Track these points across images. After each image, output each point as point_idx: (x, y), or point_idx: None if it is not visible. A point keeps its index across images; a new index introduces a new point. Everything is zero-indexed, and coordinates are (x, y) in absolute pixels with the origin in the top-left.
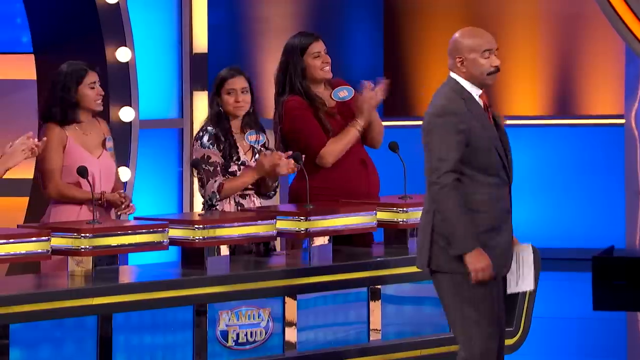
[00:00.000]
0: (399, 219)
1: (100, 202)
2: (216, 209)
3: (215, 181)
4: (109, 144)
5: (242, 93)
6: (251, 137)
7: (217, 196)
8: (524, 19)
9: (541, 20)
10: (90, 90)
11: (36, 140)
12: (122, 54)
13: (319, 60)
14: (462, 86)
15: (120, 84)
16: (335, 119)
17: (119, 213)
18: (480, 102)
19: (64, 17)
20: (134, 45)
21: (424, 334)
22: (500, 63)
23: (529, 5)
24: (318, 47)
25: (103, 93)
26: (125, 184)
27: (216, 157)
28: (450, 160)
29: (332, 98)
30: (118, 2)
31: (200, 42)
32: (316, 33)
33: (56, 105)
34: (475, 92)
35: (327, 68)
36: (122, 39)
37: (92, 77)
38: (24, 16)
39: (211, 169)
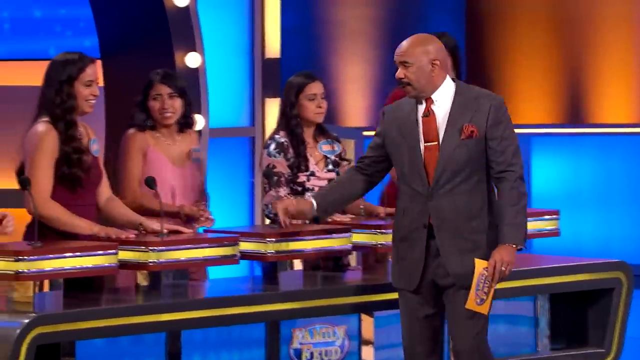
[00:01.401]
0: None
1: (179, 215)
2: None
3: (277, 192)
4: (195, 154)
5: (322, 99)
6: (325, 147)
7: (270, 209)
8: (615, 21)
9: (634, 22)
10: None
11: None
12: (192, 60)
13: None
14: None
15: (189, 90)
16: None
17: (198, 226)
18: (418, 109)
19: (132, 22)
20: (204, 50)
21: (499, 355)
22: (398, 76)
23: (621, 7)
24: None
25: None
26: None
27: (281, 167)
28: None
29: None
30: (188, 6)
31: (273, 46)
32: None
33: (139, 110)
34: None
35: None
36: (192, 44)
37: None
38: (86, 21)
39: (275, 179)
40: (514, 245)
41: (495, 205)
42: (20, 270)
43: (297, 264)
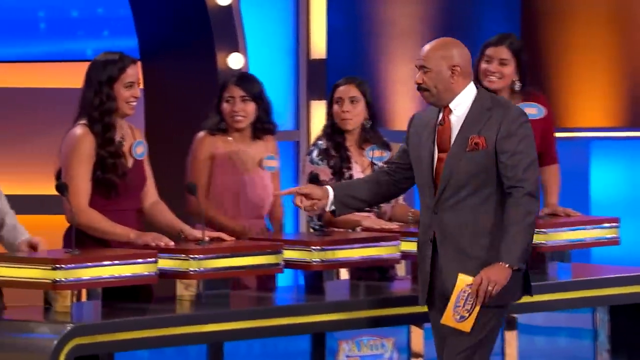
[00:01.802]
0: (538, 241)
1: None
2: (328, 229)
3: None
4: (269, 162)
5: (350, 103)
6: (373, 152)
7: (315, 220)
8: None
9: None
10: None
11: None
12: (235, 61)
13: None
14: None
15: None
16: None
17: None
18: (438, 117)
19: (172, 21)
20: (247, 50)
21: None
22: (417, 81)
23: None
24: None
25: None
26: None
27: (324, 175)
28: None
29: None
30: (230, 4)
31: (319, 46)
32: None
33: (214, 112)
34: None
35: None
36: (235, 44)
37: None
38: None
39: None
40: (506, 265)
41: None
42: (58, 279)
43: (343, 273)
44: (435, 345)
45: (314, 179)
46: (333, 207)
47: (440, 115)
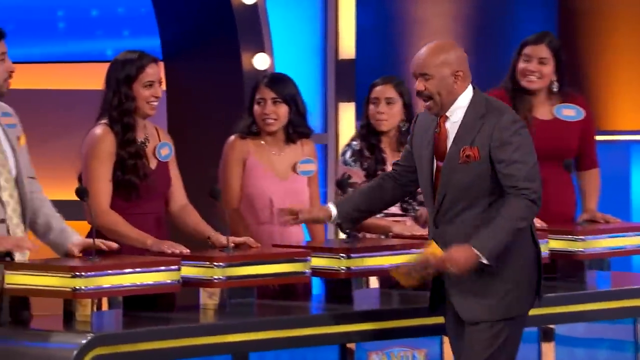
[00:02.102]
0: (576, 249)
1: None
2: (360, 235)
3: None
4: (304, 166)
5: (386, 104)
6: None
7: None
8: None
9: None
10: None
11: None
12: (260, 61)
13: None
14: None
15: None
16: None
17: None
18: (436, 121)
19: (196, 21)
20: (273, 51)
21: None
22: (418, 88)
23: None
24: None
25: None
26: None
27: (357, 178)
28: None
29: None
30: (256, 3)
31: (347, 46)
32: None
33: (246, 115)
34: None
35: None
36: (260, 44)
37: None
38: (147, 20)
39: (350, 190)
40: (476, 252)
41: None
42: (78, 288)
43: (373, 282)
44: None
45: (344, 183)
46: (338, 222)
47: (434, 124)
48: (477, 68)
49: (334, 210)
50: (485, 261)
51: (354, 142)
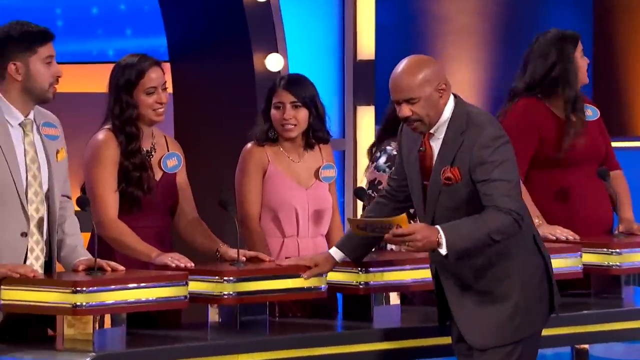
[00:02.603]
0: (611, 263)
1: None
2: (384, 247)
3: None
4: (325, 172)
5: None
6: None
7: None
8: None
9: None
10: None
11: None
12: (273, 62)
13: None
14: None
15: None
16: None
17: None
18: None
19: (205, 19)
20: (287, 51)
21: None
22: (404, 114)
23: None
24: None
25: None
26: None
27: None
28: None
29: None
30: (269, 0)
31: (366, 46)
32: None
33: (263, 120)
34: None
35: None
36: (273, 44)
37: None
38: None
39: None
40: (440, 236)
41: None
42: (79, 304)
43: (394, 298)
44: None
45: (361, 192)
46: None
47: (420, 140)
48: (505, 69)
49: (337, 254)
50: (443, 251)
51: (389, 147)
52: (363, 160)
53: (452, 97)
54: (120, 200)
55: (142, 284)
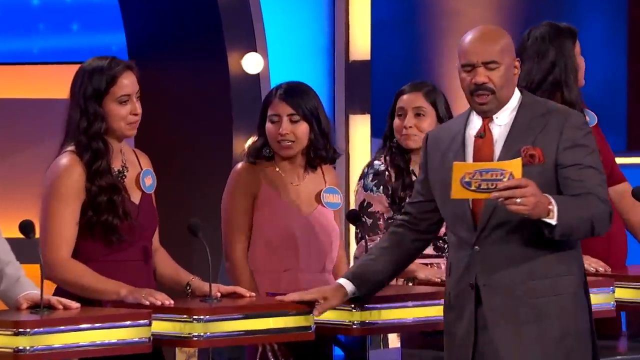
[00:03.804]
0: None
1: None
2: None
3: (367, 242)
4: (329, 197)
5: (415, 116)
6: None
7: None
8: None
9: None
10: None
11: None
12: (251, 63)
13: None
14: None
15: (247, 104)
16: None
17: None
18: (468, 128)
19: (172, 13)
20: (268, 50)
21: None
22: (480, 80)
23: None
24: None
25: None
26: None
27: (379, 206)
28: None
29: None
30: None
31: (361, 45)
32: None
33: (257, 134)
34: (475, 114)
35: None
36: (252, 42)
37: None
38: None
39: (369, 221)
40: (550, 202)
41: None
42: (21, 348)
43: (393, 340)
44: None
45: (352, 216)
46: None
47: (475, 125)
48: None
49: (348, 285)
50: (553, 221)
51: (377, 162)
52: (357, 177)
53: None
54: (94, 232)
55: (97, 324)
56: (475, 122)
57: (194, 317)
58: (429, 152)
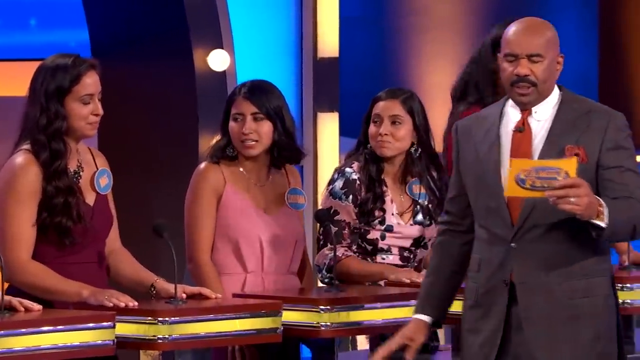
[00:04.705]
0: (621, 300)
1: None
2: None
3: (332, 250)
4: (294, 198)
5: (391, 124)
6: (416, 187)
7: (323, 273)
8: None
9: None
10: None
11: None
12: (218, 60)
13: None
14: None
15: (213, 102)
16: None
17: None
18: (503, 121)
19: (137, 10)
20: (234, 47)
21: None
22: (522, 72)
23: None
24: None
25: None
26: None
27: (346, 215)
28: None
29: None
30: None
31: (329, 42)
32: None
33: (221, 134)
34: (511, 107)
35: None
36: (218, 39)
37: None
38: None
39: (334, 229)
40: (601, 205)
41: None
42: None
43: (362, 342)
44: None
45: (321, 216)
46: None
47: (513, 118)
48: None
49: (423, 317)
50: (603, 223)
51: (348, 170)
52: (325, 177)
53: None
54: (47, 234)
55: (60, 327)
56: (511, 115)
57: (159, 319)
58: (461, 144)
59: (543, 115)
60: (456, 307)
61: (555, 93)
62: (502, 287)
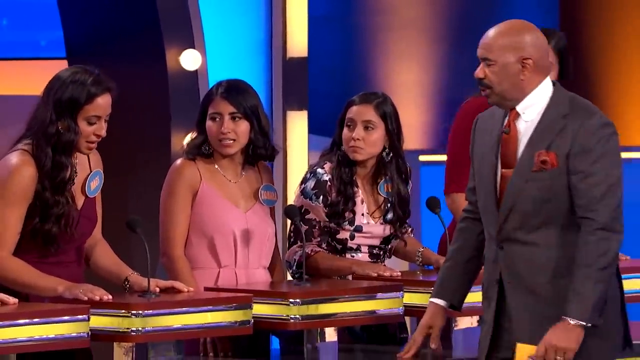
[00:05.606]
0: None
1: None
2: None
3: (302, 248)
4: (267, 194)
5: (364, 129)
6: (388, 186)
7: (294, 269)
8: None
9: None
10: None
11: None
12: (189, 59)
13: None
14: None
15: (185, 101)
16: None
17: None
18: (504, 122)
19: (110, 10)
20: (206, 47)
21: None
22: (477, 75)
23: None
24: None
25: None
26: None
27: (317, 214)
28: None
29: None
30: None
31: (298, 42)
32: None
33: (197, 132)
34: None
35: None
36: (190, 39)
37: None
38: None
39: (304, 228)
40: (574, 323)
41: None
42: None
43: (330, 334)
44: None
45: (290, 212)
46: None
47: (506, 120)
48: (458, 69)
49: (440, 302)
50: (584, 323)
51: (320, 171)
52: (295, 174)
53: (549, 81)
54: (34, 237)
55: (36, 319)
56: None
57: (132, 312)
58: (477, 137)
59: (530, 116)
60: (420, 299)
61: (546, 93)
62: (494, 284)
